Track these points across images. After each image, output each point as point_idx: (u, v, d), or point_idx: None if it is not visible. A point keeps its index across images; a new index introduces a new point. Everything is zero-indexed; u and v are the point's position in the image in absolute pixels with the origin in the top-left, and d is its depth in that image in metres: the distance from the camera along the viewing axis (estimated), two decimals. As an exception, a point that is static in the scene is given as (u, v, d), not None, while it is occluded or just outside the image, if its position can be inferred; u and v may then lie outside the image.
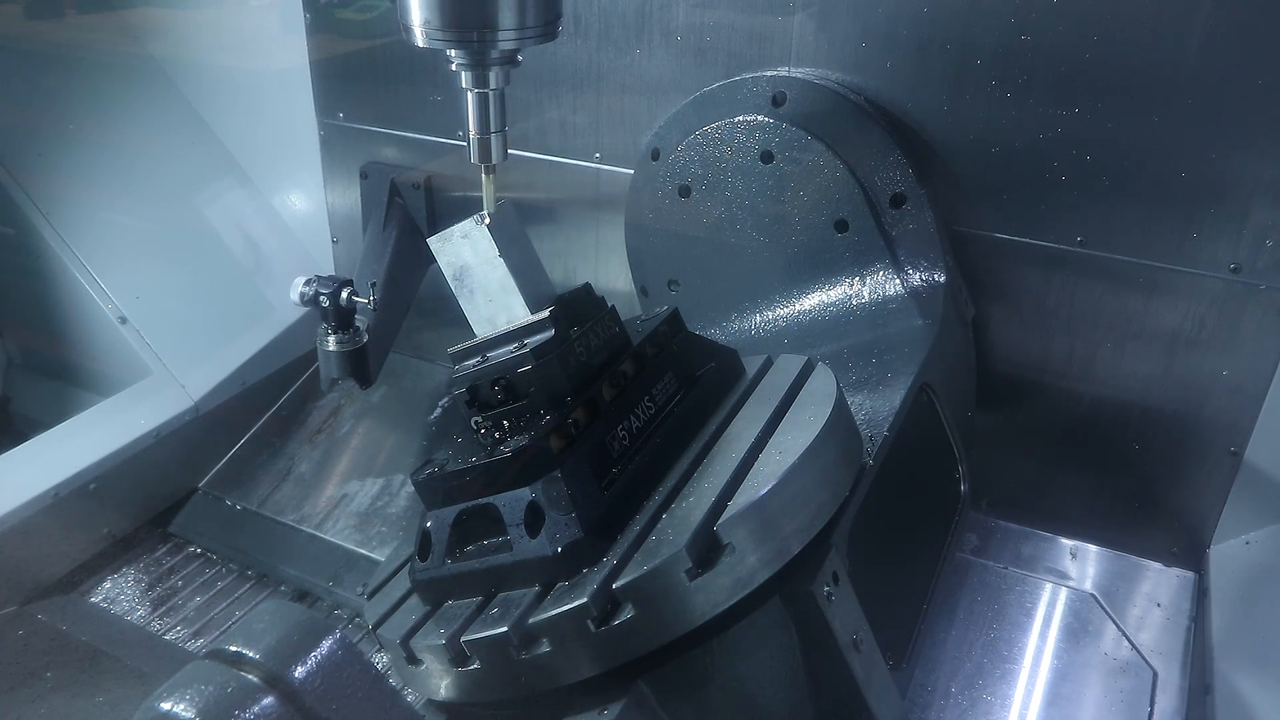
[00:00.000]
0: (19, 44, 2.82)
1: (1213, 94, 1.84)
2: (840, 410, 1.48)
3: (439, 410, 2.86)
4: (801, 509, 1.35)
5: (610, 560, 1.30)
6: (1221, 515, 2.12)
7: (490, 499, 1.37)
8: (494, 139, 1.50)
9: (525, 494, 1.35)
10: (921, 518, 1.99)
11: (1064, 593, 2.16)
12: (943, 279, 2.02)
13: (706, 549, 1.27)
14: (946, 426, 1.98)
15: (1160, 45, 1.84)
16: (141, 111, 2.88)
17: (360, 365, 2.20)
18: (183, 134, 2.94)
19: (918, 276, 2.04)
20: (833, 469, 1.42)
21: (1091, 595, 2.14)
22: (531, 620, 1.28)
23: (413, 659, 1.42)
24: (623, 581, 1.26)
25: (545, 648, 1.29)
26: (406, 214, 2.72)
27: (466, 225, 1.52)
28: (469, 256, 1.53)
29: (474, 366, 1.50)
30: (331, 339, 2.16)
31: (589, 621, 1.26)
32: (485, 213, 1.52)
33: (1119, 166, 1.95)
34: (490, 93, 1.47)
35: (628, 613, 1.26)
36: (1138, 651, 2.01)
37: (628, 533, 1.34)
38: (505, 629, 1.28)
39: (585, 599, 1.25)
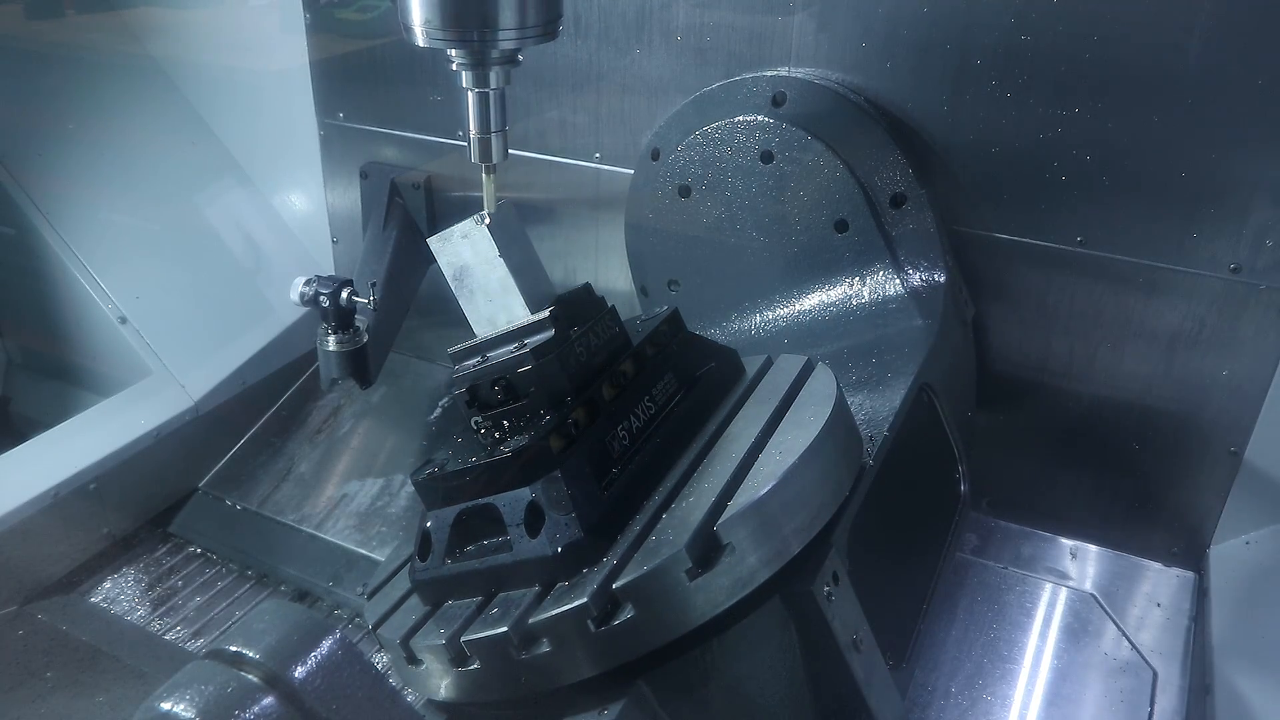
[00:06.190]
0: (19, 44, 2.82)
1: (1213, 94, 1.84)
2: (840, 410, 1.48)
3: (439, 410, 2.86)
4: (801, 509, 1.35)
5: (610, 560, 1.30)
6: (1221, 515, 2.12)
7: (490, 499, 1.37)
8: (494, 138, 1.49)
9: (525, 494, 1.34)
10: (922, 518, 1.98)
11: (1064, 593, 2.16)
12: (942, 279, 2.02)
13: (707, 549, 1.27)
14: (946, 426, 1.98)
15: (1160, 46, 1.84)
16: (141, 111, 2.88)
17: (360, 365, 2.20)
18: (183, 134, 2.94)
19: (918, 276, 2.03)
20: (833, 469, 1.42)
21: (1091, 595, 2.14)
22: (532, 620, 1.28)
23: (413, 659, 1.42)
24: (623, 581, 1.26)
25: (545, 648, 1.29)
26: (406, 214, 2.72)
27: (466, 225, 1.52)
28: (469, 256, 1.53)
29: (474, 366, 1.50)
30: (331, 339, 2.16)
31: (589, 621, 1.26)
32: (485, 212, 1.52)
33: (1119, 166, 1.95)
34: (490, 92, 1.46)
35: (628, 613, 1.26)
36: (1138, 651, 2.01)
37: (628, 533, 1.34)
38: (505, 629, 1.28)
39: (585, 599, 1.25)
